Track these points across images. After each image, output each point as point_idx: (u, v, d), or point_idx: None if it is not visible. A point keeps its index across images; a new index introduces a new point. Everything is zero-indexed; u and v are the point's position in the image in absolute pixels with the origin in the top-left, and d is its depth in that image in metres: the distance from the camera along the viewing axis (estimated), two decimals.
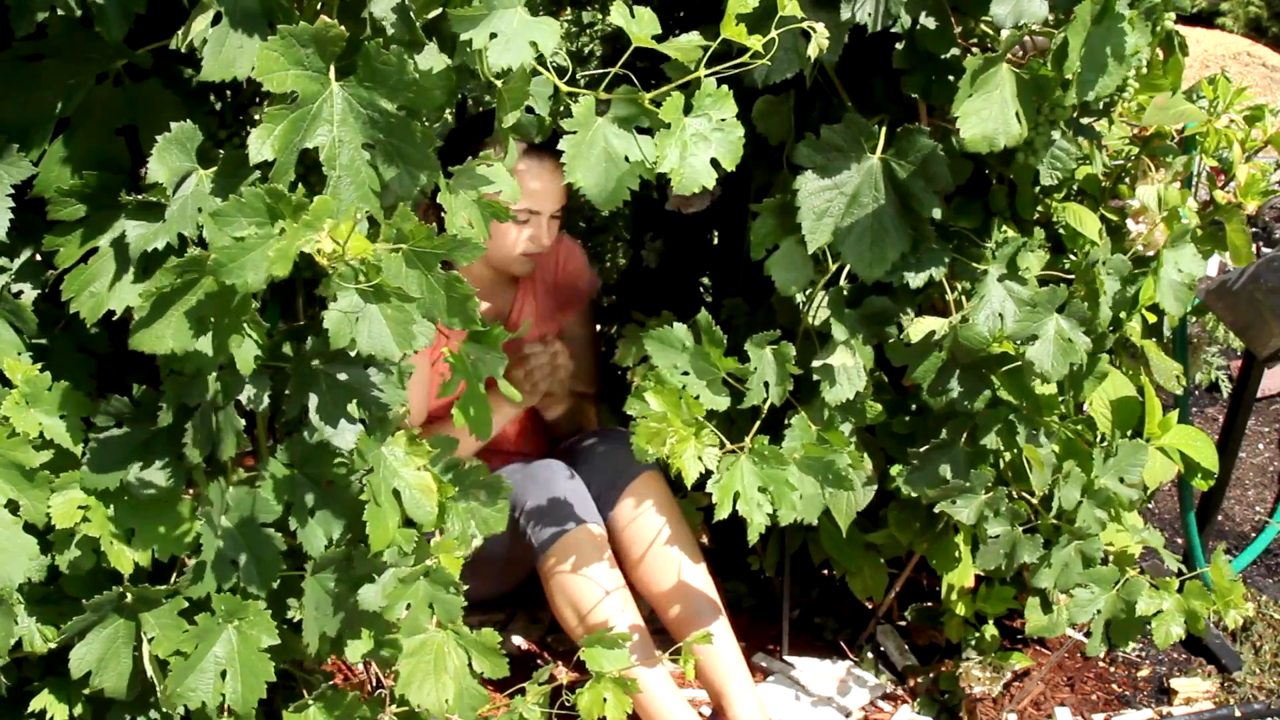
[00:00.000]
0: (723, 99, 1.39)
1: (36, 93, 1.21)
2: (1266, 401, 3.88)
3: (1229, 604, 1.92)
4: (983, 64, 1.60)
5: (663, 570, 2.04)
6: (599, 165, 1.35)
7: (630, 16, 1.32)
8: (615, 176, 1.35)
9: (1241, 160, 2.00)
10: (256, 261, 1.05)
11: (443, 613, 1.39)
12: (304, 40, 1.09)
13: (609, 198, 1.36)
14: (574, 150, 1.34)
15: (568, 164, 1.34)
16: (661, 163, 1.36)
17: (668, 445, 1.62)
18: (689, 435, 1.64)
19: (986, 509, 1.87)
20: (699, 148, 1.38)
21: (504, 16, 1.20)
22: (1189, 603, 1.88)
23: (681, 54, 1.33)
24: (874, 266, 1.74)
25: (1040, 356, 1.76)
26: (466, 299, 1.17)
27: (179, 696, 1.27)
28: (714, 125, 1.39)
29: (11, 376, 1.24)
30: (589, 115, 1.35)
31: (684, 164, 1.37)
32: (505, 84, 1.29)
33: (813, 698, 2.17)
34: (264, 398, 1.25)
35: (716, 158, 1.39)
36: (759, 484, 1.69)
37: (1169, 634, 1.87)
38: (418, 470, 1.35)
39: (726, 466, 1.68)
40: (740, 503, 1.68)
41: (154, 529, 1.29)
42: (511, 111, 1.31)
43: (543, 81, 1.37)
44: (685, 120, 1.37)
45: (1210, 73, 2.07)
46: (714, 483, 1.67)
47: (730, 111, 1.39)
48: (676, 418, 1.65)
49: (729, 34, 1.31)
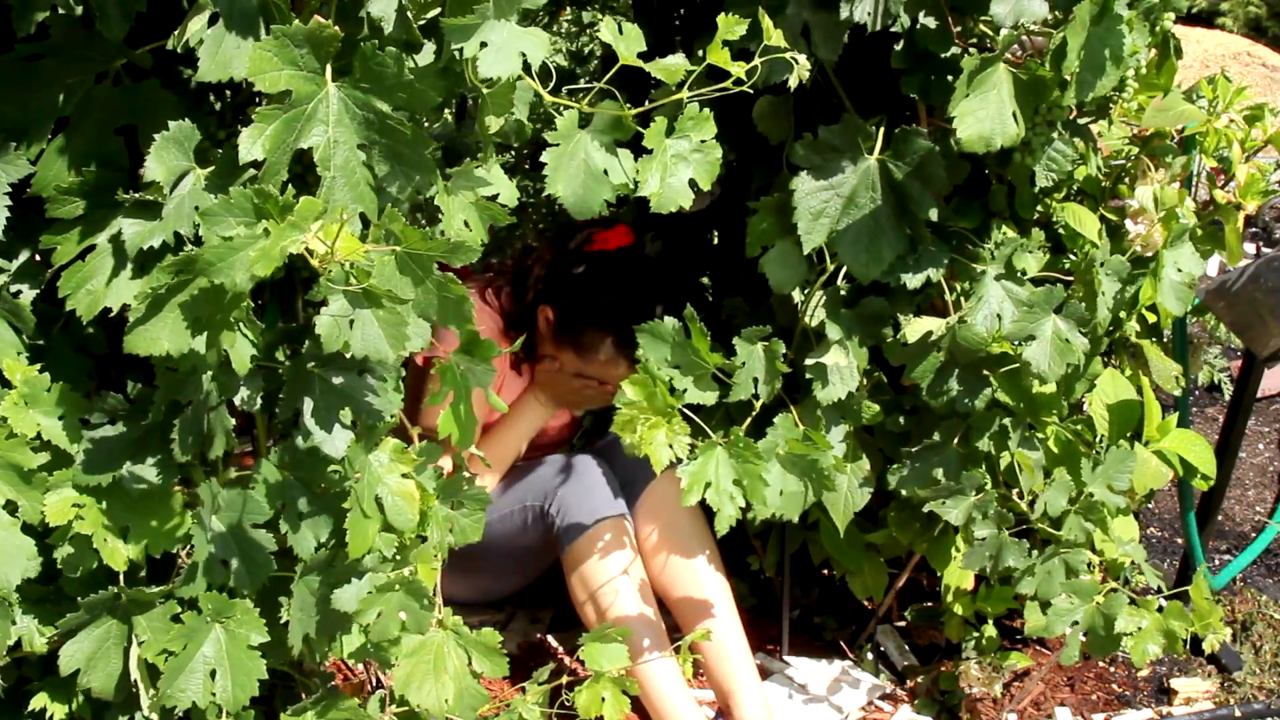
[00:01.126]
0: (704, 121, 1.41)
1: (35, 92, 1.20)
2: (1266, 401, 3.88)
3: (1207, 627, 1.92)
4: (980, 64, 1.60)
5: (677, 568, 2.06)
6: (578, 177, 1.37)
7: (619, 34, 1.34)
8: (593, 189, 1.38)
9: (1241, 160, 2.00)
10: (244, 261, 1.05)
11: (413, 623, 1.39)
12: (298, 40, 1.09)
13: (584, 208, 1.38)
14: (555, 162, 1.36)
15: (549, 175, 1.36)
16: (643, 187, 1.38)
17: (638, 431, 1.65)
18: (660, 423, 1.66)
19: (975, 511, 1.87)
20: (678, 168, 1.40)
21: (496, 27, 1.21)
22: (1168, 623, 1.88)
23: (667, 75, 1.35)
24: (870, 267, 1.74)
25: (1037, 357, 1.76)
26: (461, 299, 1.17)
27: (169, 698, 1.27)
28: (694, 146, 1.41)
29: (10, 377, 1.23)
30: (571, 128, 1.37)
31: (663, 185, 1.40)
32: (490, 90, 1.30)
33: (812, 697, 2.17)
34: (258, 399, 1.25)
35: (694, 178, 1.42)
36: (733, 476, 1.70)
37: (1145, 653, 1.87)
38: (401, 478, 1.35)
39: (700, 455, 1.69)
40: (710, 492, 1.69)
41: (146, 524, 1.29)
42: (495, 117, 1.33)
43: (525, 88, 1.38)
44: (666, 142, 1.40)
45: (1210, 73, 2.07)
46: (683, 469, 1.68)
47: (710, 133, 1.42)
48: (651, 406, 1.66)
49: (714, 59, 1.34)
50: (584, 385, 2.07)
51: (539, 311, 2.08)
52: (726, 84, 1.35)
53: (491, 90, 1.29)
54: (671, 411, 1.69)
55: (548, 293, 2.07)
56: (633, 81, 1.42)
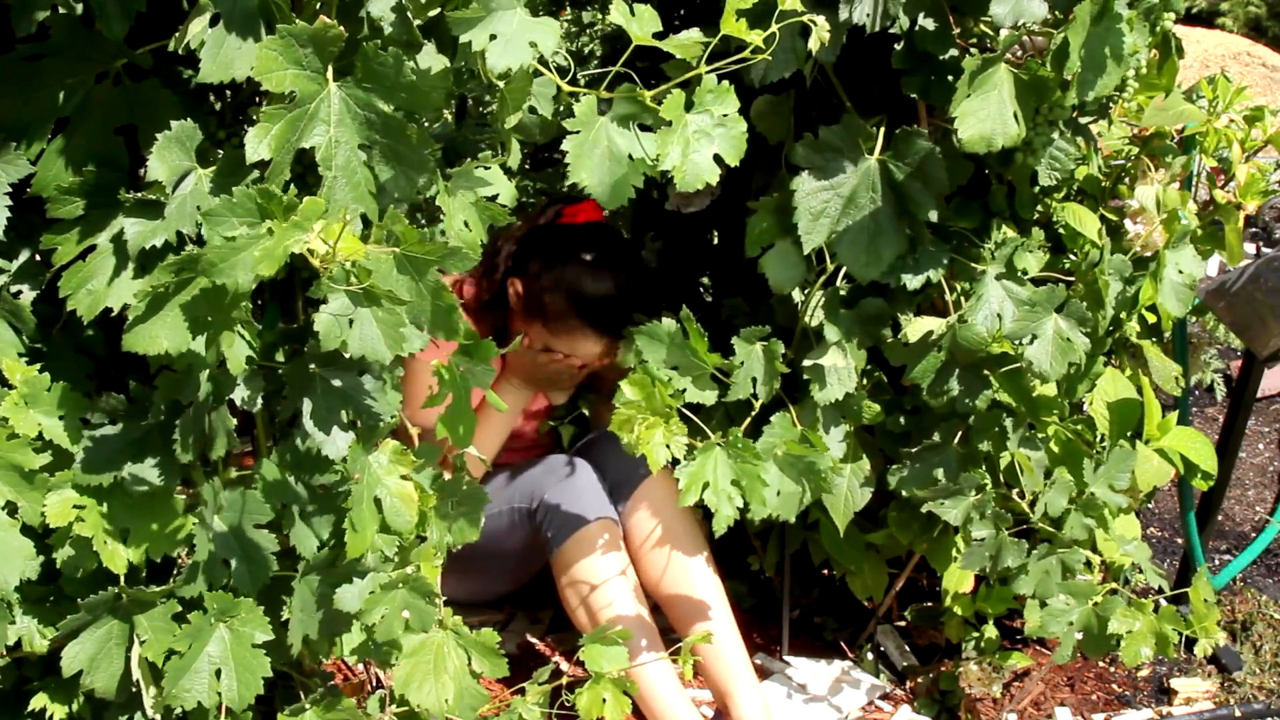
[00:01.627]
0: (724, 94, 1.38)
1: (36, 91, 1.20)
2: (1266, 401, 3.88)
3: (1204, 630, 1.92)
4: (981, 64, 1.60)
5: (670, 568, 2.05)
6: (602, 164, 1.35)
7: (630, 15, 1.32)
8: (619, 175, 1.35)
9: (1241, 160, 2.00)
10: (247, 261, 1.05)
11: (417, 621, 1.39)
12: (303, 40, 1.09)
13: (613, 196, 1.35)
14: (577, 150, 1.33)
15: (571, 164, 1.33)
16: (664, 160, 1.35)
17: (635, 431, 1.64)
18: (657, 423, 1.66)
19: (973, 511, 1.87)
20: (701, 144, 1.37)
21: (503, 17, 1.20)
22: (1162, 626, 1.87)
23: (682, 50, 1.33)
24: (869, 267, 1.74)
25: (1039, 356, 1.76)
26: (451, 309, 1.16)
27: (174, 698, 1.27)
28: (716, 121, 1.38)
29: (11, 377, 1.23)
30: (591, 114, 1.34)
31: (687, 161, 1.36)
32: (507, 85, 1.29)
33: (812, 698, 2.17)
34: (258, 399, 1.25)
35: (720, 154, 1.38)
36: (731, 476, 1.70)
37: (1138, 654, 1.86)
38: (400, 479, 1.35)
39: (698, 455, 1.68)
40: (709, 492, 1.68)
41: (147, 526, 1.29)
42: (513, 113, 1.31)
43: (545, 82, 1.36)
44: (687, 117, 1.36)
45: (1210, 73, 2.07)
46: (682, 469, 1.68)
47: (732, 107, 1.38)
48: (649, 406, 1.66)
49: (729, 30, 1.30)
50: (551, 360, 2.06)
51: (509, 285, 2.07)
52: (745, 54, 1.33)
53: (508, 84, 1.28)
54: (670, 412, 1.69)
55: (517, 266, 2.07)
56: (641, 74, 1.40)
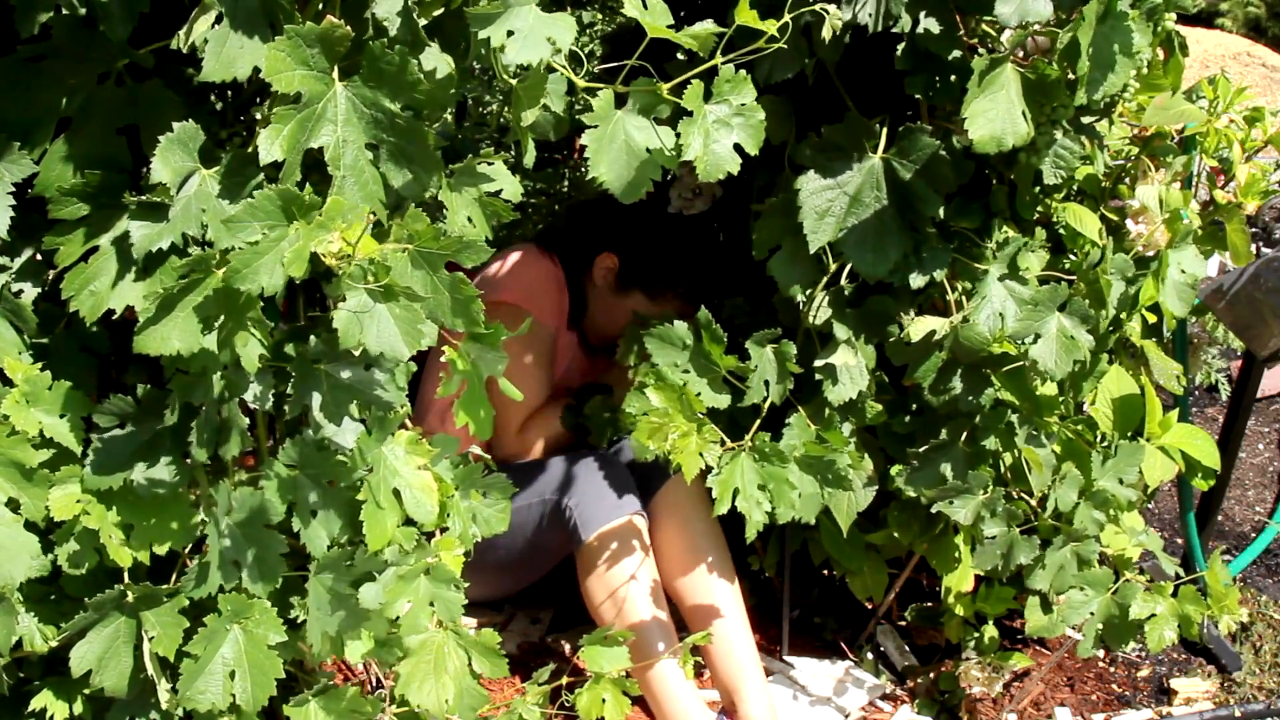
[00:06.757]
0: (742, 84, 1.38)
1: (38, 92, 1.20)
2: (1266, 401, 3.88)
3: (1224, 609, 1.92)
4: (989, 64, 1.60)
5: (692, 566, 2.06)
6: (620, 158, 1.34)
7: (644, 7, 1.31)
8: (636, 168, 1.35)
9: (1241, 160, 2.00)
10: (270, 264, 1.05)
11: (443, 610, 1.39)
12: (310, 40, 1.09)
13: (631, 190, 1.35)
14: (596, 144, 1.33)
15: (590, 159, 1.33)
16: (686, 150, 1.35)
17: (670, 441, 1.63)
18: (691, 431, 1.65)
19: (983, 509, 1.87)
20: (721, 134, 1.37)
21: (520, 13, 1.19)
22: (1183, 607, 1.88)
23: (697, 42, 1.33)
24: (876, 266, 1.74)
25: (1043, 354, 1.76)
26: (470, 300, 1.16)
27: (189, 700, 1.27)
28: (734, 110, 1.38)
29: (12, 375, 1.23)
30: (608, 109, 1.34)
31: (708, 151, 1.36)
32: (521, 82, 1.28)
33: (812, 698, 2.17)
34: (269, 396, 1.25)
35: (739, 142, 1.39)
36: (759, 481, 1.69)
37: (1162, 638, 1.87)
38: (418, 470, 1.35)
39: (727, 462, 1.68)
40: (740, 499, 1.68)
41: (154, 523, 1.28)
42: (529, 109, 1.31)
43: (556, 78, 1.36)
44: (706, 107, 1.36)
45: (1210, 73, 2.07)
46: (714, 478, 1.67)
47: (750, 96, 1.39)
48: (678, 414, 1.65)
49: (743, 19, 1.30)
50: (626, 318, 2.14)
51: (597, 260, 2.20)
52: (759, 43, 1.33)
53: (522, 82, 1.28)
54: (702, 419, 1.67)
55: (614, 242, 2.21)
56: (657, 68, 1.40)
